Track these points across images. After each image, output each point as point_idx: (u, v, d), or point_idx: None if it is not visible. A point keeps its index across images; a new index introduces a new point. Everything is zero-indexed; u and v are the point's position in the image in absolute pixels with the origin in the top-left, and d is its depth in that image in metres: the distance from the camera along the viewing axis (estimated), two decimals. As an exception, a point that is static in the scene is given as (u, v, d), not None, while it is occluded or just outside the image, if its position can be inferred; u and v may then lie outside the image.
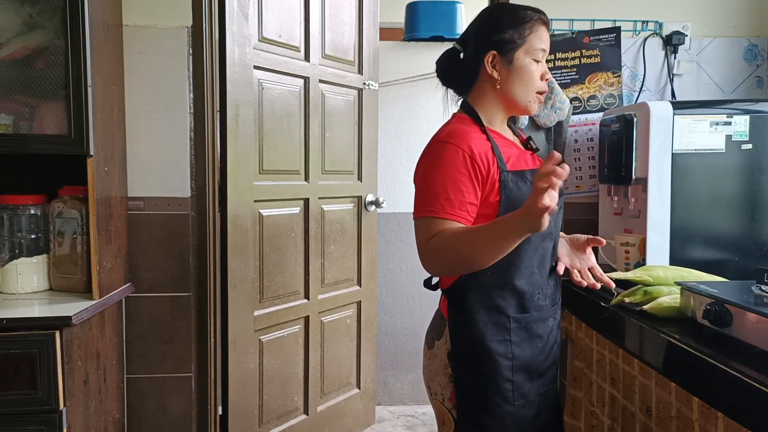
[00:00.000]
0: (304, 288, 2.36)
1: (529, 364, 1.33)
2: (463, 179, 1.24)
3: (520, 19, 1.32)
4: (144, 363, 2.01)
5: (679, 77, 2.11)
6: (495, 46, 1.32)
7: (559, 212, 1.40)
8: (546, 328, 1.36)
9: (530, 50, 1.32)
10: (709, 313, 1.25)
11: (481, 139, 1.30)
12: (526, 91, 1.34)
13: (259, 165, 2.14)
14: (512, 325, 1.31)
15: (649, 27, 2.10)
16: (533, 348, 1.34)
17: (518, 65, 1.32)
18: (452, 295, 1.34)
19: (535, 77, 1.33)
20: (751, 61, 2.11)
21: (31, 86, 1.63)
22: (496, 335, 1.30)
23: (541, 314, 1.35)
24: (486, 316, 1.30)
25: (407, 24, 3.17)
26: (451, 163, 1.25)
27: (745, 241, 1.74)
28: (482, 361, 1.30)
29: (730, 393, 1.10)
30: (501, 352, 1.30)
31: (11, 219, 1.80)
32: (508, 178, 1.27)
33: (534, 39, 1.32)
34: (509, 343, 1.30)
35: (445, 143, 1.28)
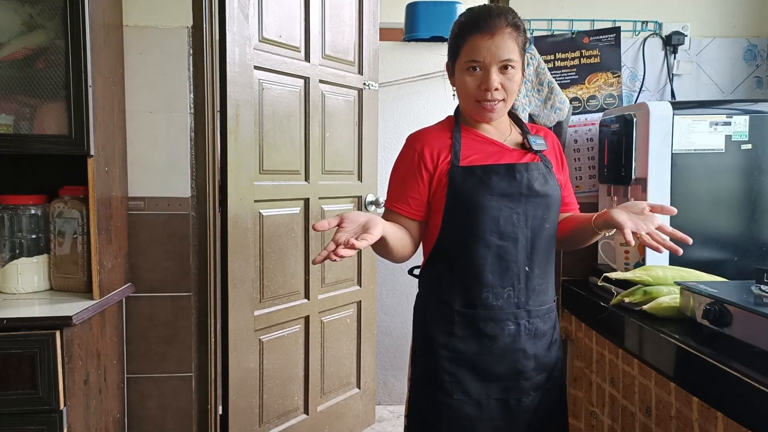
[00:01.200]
0: (305, 288, 2.36)
1: (477, 361, 1.32)
2: (408, 176, 1.36)
3: (454, 33, 1.36)
4: (144, 363, 2.01)
5: (679, 77, 2.11)
6: (449, 57, 1.41)
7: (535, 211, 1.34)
8: (499, 330, 1.31)
9: (462, 62, 1.33)
10: (709, 313, 1.25)
11: (444, 137, 1.38)
12: (466, 102, 1.37)
13: (260, 165, 2.15)
14: (457, 319, 1.32)
15: (648, 27, 2.10)
16: (481, 347, 1.32)
17: (457, 77, 1.36)
18: (419, 284, 1.45)
19: (469, 88, 1.32)
20: (751, 62, 2.11)
21: (32, 86, 1.63)
22: (440, 326, 1.34)
23: (491, 314, 1.31)
24: (434, 306, 1.36)
25: (407, 24, 3.17)
26: (403, 160, 1.40)
27: (744, 241, 1.74)
28: (425, 349, 1.36)
29: (730, 393, 1.10)
30: (442, 342, 1.33)
31: (12, 219, 1.81)
32: (456, 173, 1.32)
33: (465, 51, 1.31)
34: (452, 335, 1.33)
35: (406, 143, 1.42)
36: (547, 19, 2.08)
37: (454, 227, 1.33)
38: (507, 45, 1.29)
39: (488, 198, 1.30)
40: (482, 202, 1.30)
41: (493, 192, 1.30)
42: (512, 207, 1.31)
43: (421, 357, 1.38)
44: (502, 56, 1.29)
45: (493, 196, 1.30)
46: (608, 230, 1.31)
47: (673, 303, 1.44)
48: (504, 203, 1.31)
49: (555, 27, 2.09)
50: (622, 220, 1.22)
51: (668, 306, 1.45)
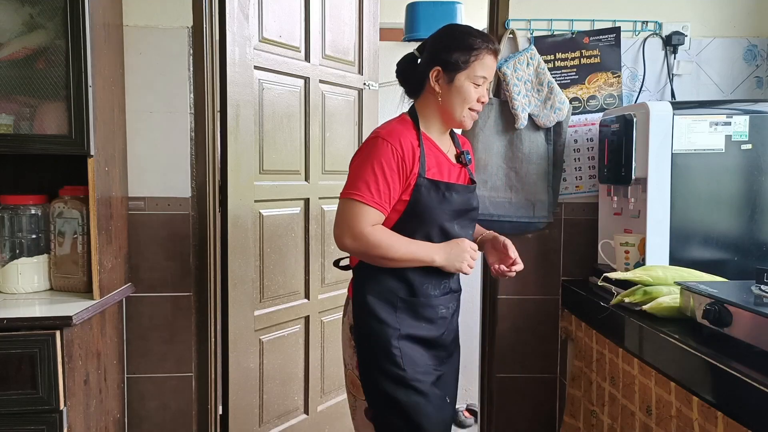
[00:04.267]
0: (305, 288, 2.36)
1: (416, 336, 1.48)
2: (392, 174, 1.41)
3: (468, 46, 1.45)
4: (144, 363, 2.01)
5: (679, 77, 2.11)
6: (441, 63, 1.46)
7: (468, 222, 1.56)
8: (434, 313, 1.51)
9: (471, 76, 1.46)
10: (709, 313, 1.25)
11: (414, 143, 1.45)
12: (461, 108, 1.48)
13: (260, 165, 2.15)
14: (399, 305, 1.48)
15: (648, 27, 2.10)
16: (419, 324, 1.49)
17: (457, 86, 1.46)
18: (358, 274, 1.54)
19: (471, 98, 1.47)
20: (751, 62, 2.11)
21: (32, 86, 1.63)
22: (385, 309, 1.47)
23: (429, 300, 1.50)
24: (379, 294, 1.48)
25: (407, 24, 3.17)
26: (385, 157, 1.41)
27: (744, 241, 1.74)
28: (374, 329, 1.46)
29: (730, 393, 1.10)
30: (389, 322, 1.46)
31: (12, 219, 1.81)
32: (422, 184, 1.43)
33: (477, 66, 1.45)
34: (396, 317, 1.47)
35: (383, 140, 1.43)
36: (547, 19, 2.08)
37: (406, 231, 1.45)
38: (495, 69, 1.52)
39: (445, 212, 1.47)
40: (439, 215, 1.46)
41: (450, 208, 1.47)
42: (456, 219, 1.50)
43: (367, 341, 1.48)
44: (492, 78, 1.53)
45: (448, 212, 1.47)
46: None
47: (673, 303, 1.44)
48: (452, 216, 1.49)
49: (555, 27, 2.09)
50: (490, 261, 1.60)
51: (668, 306, 1.45)
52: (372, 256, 1.43)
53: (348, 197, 1.42)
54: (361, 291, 1.51)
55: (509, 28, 2.07)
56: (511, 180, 2.07)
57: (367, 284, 1.50)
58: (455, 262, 1.45)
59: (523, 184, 2.06)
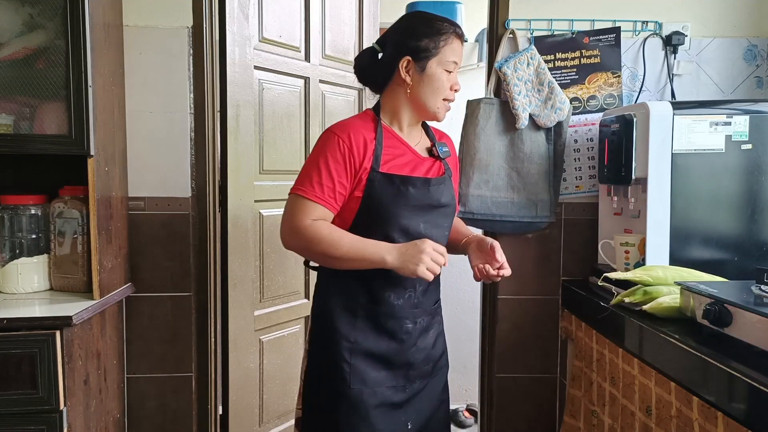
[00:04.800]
0: (305, 288, 2.36)
1: (376, 354, 1.38)
2: (338, 168, 1.33)
3: (436, 30, 1.38)
4: (144, 363, 2.01)
5: (679, 77, 2.11)
6: (410, 52, 1.38)
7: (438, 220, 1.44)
8: (398, 327, 1.40)
9: (443, 61, 1.39)
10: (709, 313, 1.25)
11: (368, 136, 1.37)
12: (435, 99, 1.41)
13: (260, 165, 2.15)
14: (360, 313, 1.38)
15: (648, 27, 2.10)
16: (379, 340, 1.39)
17: (430, 73, 1.39)
18: (320, 274, 1.47)
19: (444, 86, 1.40)
20: (751, 62, 2.11)
21: (32, 86, 1.63)
22: (343, 317, 1.38)
23: (392, 311, 1.39)
24: (339, 298, 1.40)
25: (407, 24, 3.17)
26: (331, 151, 1.34)
27: (744, 241, 1.74)
28: (326, 338, 1.39)
29: (730, 393, 1.10)
30: (344, 333, 1.37)
31: (12, 219, 1.81)
32: (375, 178, 1.35)
33: (447, 51, 1.39)
34: (355, 327, 1.38)
35: (331, 133, 1.37)
36: (547, 19, 2.08)
37: (363, 228, 1.36)
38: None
39: (402, 208, 1.36)
40: (396, 211, 1.36)
41: (408, 203, 1.37)
42: (420, 216, 1.39)
43: (319, 348, 1.41)
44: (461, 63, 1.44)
45: (406, 207, 1.37)
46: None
47: (673, 303, 1.44)
48: (414, 213, 1.38)
49: (555, 27, 2.09)
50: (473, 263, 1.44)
51: (668, 306, 1.45)
52: (315, 253, 1.35)
53: (292, 193, 1.36)
54: (322, 294, 1.44)
55: (509, 28, 2.07)
56: (512, 180, 2.07)
57: (328, 286, 1.43)
58: (410, 264, 1.27)
59: (525, 183, 2.06)
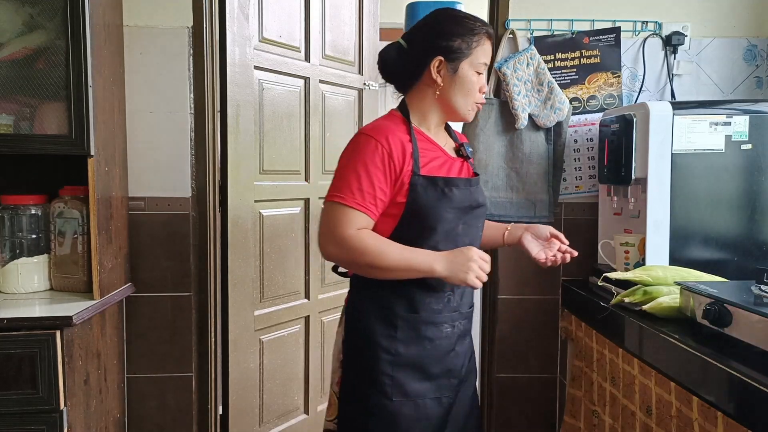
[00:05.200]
0: (305, 288, 2.36)
1: (417, 363, 1.33)
2: (377, 173, 1.27)
3: (469, 30, 1.33)
4: (144, 363, 2.01)
5: (679, 77, 2.11)
6: (442, 52, 1.33)
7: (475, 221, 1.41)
8: (438, 333, 1.35)
9: (474, 62, 1.34)
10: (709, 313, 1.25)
11: (404, 139, 1.31)
12: (465, 101, 1.36)
13: (260, 165, 2.15)
14: (399, 323, 1.32)
15: (648, 27, 2.10)
16: (420, 349, 1.34)
17: (462, 75, 1.34)
18: (353, 284, 1.41)
19: (475, 88, 1.36)
20: (751, 62, 2.11)
21: (32, 86, 1.63)
22: (383, 329, 1.32)
23: (433, 318, 1.34)
24: (377, 311, 1.33)
25: (407, 24, 3.17)
26: (369, 156, 1.27)
27: (744, 241, 1.74)
28: (364, 352, 1.33)
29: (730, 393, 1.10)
30: (384, 346, 1.32)
31: (12, 219, 1.81)
32: (418, 182, 1.29)
33: (479, 52, 1.34)
34: (395, 339, 1.32)
35: (367, 137, 1.30)
36: (547, 19, 2.09)
37: (406, 235, 1.31)
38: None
39: (446, 210, 1.32)
40: (441, 214, 1.31)
41: (452, 205, 1.32)
42: (460, 218, 1.35)
43: (356, 362, 1.35)
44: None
45: (450, 209, 1.32)
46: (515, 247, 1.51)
47: (673, 303, 1.44)
48: (456, 215, 1.34)
49: (555, 27, 2.09)
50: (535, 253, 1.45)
51: (668, 306, 1.45)
52: (360, 264, 1.28)
53: (330, 200, 1.28)
54: (357, 306, 1.38)
55: (509, 28, 2.07)
56: (512, 180, 2.07)
57: (362, 298, 1.37)
58: (459, 273, 1.24)
59: (524, 184, 2.06)
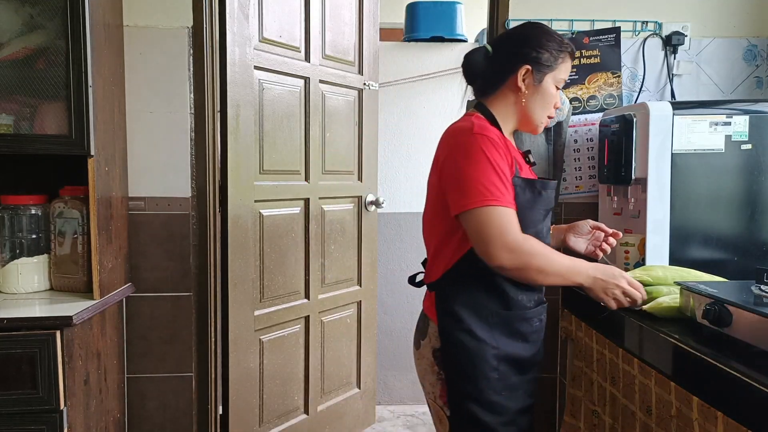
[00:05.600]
0: (305, 288, 2.36)
1: (512, 356, 1.37)
2: (505, 169, 1.29)
3: (558, 46, 1.39)
4: (144, 363, 2.01)
5: (679, 77, 2.11)
6: (531, 62, 1.37)
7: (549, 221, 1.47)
8: (529, 327, 1.40)
9: (557, 78, 1.40)
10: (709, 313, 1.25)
11: (503, 140, 1.35)
12: (542, 112, 1.42)
13: (260, 165, 2.15)
14: (494, 320, 1.36)
15: (648, 27, 2.10)
16: (514, 342, 1.38)
17: (545, 86, 1.39)
18: (440, 290, 1.39)
19: (552, 102, 1.42)
20: (751, 62, 2.11)
21: (32, 86, 1.63)
22: (480, 326, 1.35)
23: (524, 313, 1.39)
24: (472, 309, 1.35)
25: (407, 24, 3.17)
26: (493, 153, 1.28)
27: (744, 241, 1.74)
28: (470, 350, 1.34)
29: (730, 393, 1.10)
30: (486, 340, 1.34)
31: (12, 219, 1.81)
32: (518, 184, 1.33)
33: (563, 68, 1.41)
34: (492, 334, 1.35)
35: (482, 135, 1.29)
36: (547, 19, 2.08)
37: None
38: None
39: (539, 212, 1.38)
40: (535, 215, 1.36)
41: (543, 207, 1.39)
42: (543, 220, 1.42)
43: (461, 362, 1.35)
44: None
45: (541, 211, 1.39)
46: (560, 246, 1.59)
47: (673, 303, 1.44)
48: (542, 217, 1.41)
49: (555, 27, 2.09)
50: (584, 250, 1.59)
51: (668, 306, 1.44)
52: (530, 269, 1.27)
53: (485, 205, 1.24)
54: (450, 306, 1.36)
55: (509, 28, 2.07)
56: (511, 180, 2.07)
57: (456, 298, 1.36)
58: (601, 292, 1.35)
59: (524, 184, 2.06)
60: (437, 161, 1.38)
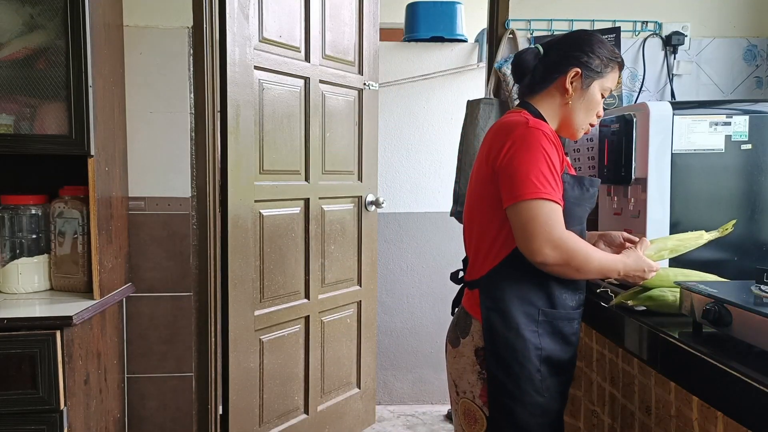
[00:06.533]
0: (305, 288, 2.36)
1: (552, 357, 1.37)
2: (557, 167, 1.31)
3: (609, 54, 1.42)
4: (144, 363, 2.01)
5: (679, 77, 2.11)
6: (581, 66, 1.39)
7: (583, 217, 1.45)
8: (570, 329, 1.40)
9: (604, 86, 1.42)
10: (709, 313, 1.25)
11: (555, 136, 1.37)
12: (585, 118, 1.43)
13: (260, 165, 2.15)
14: (540, 318, 1.35)
15: (648, 27, 2.10)
16: (556, 344, 1.37)
17: (591, 92, 1.41)
18: (486, 287, 1.38)
19: (596, 109, 1.43)
20: (751, 62, 2.11)
21: (32, 86, 1.63)
22: (528, 325, 1.34)
23: (567, 313, 1.39)
24: (519, 306, 1.34)
25: (407, 24, 3.17)
26: (549, 148, 1.29)
27: (744, 241, 1.74)
28: (517, 350, 1.33)
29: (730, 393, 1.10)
30: (532, 341, 1.33)
31: (12, 219, 1.81)
32: (567, 180, 1.35)
33: (611, 77, 1.43)
34: (537, 333, 1.34)
35: (538, 130, 1.30)
36: (547, 19, 2.09)
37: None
38: None
39: (585, 208, 1.40)
40: (581, 212, 1.39)
41: (590, 203, 1.42)
42: (585, 217, 1.43)
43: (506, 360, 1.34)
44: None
45: (588, 207, 1.41)
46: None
47: (673, 303, 1.44)
48: (585, 214, 1.43)
49: (555, 27, 2.09)
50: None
51: (668, 306, 1.45)
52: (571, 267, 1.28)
53: (535, 198, 1.25)
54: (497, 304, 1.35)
55: (509, 28, 2.07)
56: (511, 180, 2.07)
57: (504, 295, 1.35)
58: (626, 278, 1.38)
59: (524, 184, 2.06)
60: (489, 154, 1.36)
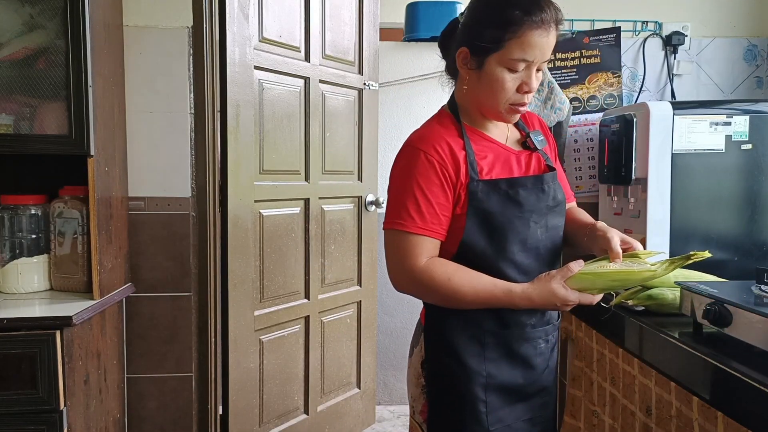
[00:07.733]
0: (305, 288, 2.36)
1: (509, 385, 1.20)
2: (433, 189, 1.14)
3: (504, 21, 1.10)
4: (144, 363, 2.01)
5: (679, 77, 2.11)
6: (468, 43, 1.15)
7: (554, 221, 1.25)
8: (531, 350, 1.22)
9: (504, 59, 1.12)
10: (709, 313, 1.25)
11: (455, 143, 1.18)
12: (494, 101, 1.17)
13: (260, 165, 2.15)
14: (487, 340, 1.18)
15: (648, 27, 2.10)
16: (513, 368, 1.21)
17: (488, 71, 1.14)
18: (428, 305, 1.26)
19: (506, 88, 1.14)
20: (751, 62, 2.11)
21: (32, 86, 1.63)
22: (470, 349, 1.18)
23: (525, 333, 1.21)
24: (462, 327, 1.19)
25: (407, 24, 3.16)
26: (421, 171, 1.14)
27: (744, 241, 1.74)
28: (455, 376, 1.19)
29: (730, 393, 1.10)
30: (475, 368, 1.17)
31: (12, 219, 1.81)
32: (478, 189, 1.15)
33: (514, 47, 1.10)
34: (483, 359, 1.18)
35: (415, 149, 1.17)
36: (547, 19, 2.08)
37: (476, 248, 1.17)
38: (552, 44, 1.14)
39: (517, 216, 1.17)
40: (511, 221, 1.17)
41: (523, 209, 1.18)
42: (537, 223, 1.20)
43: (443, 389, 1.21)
44: (547, 57, 1.14)
45: (521, 214, 1.18)
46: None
47: (673, 303, 1.44)
48: (530, 219, 1.19)
49: (555, 27, 2.09)
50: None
51: (668, 306, 1.45)
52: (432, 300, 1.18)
53: (390, 228, 1.16)
54: (438, 322, 1.21)
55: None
56: (511, 180, 2.06)
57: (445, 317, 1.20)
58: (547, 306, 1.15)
59: (523, 184, 2.06)
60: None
